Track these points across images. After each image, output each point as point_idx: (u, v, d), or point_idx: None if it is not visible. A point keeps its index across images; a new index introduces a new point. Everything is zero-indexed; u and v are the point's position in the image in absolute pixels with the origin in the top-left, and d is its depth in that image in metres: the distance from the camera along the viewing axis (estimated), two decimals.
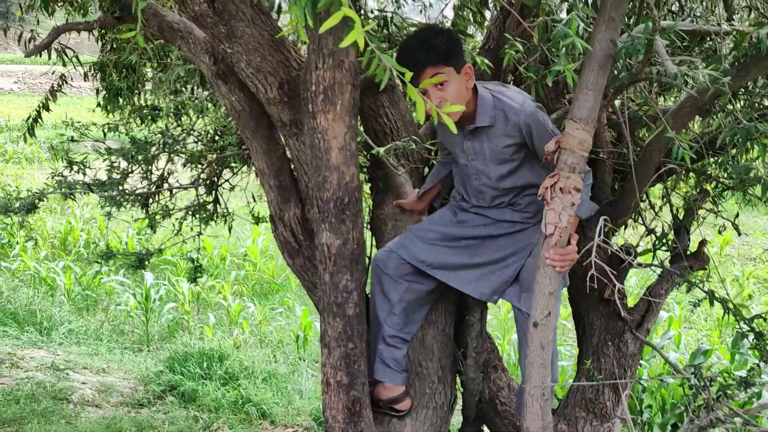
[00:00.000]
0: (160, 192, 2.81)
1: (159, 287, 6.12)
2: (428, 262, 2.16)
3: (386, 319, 2.22)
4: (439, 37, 1.93)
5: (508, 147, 2.07)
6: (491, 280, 2.15)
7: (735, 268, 7.74)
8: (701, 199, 2.48)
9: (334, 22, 1.24)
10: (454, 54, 1.93)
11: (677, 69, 1.52)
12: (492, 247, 2.15)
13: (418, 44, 1.92)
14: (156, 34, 2.08)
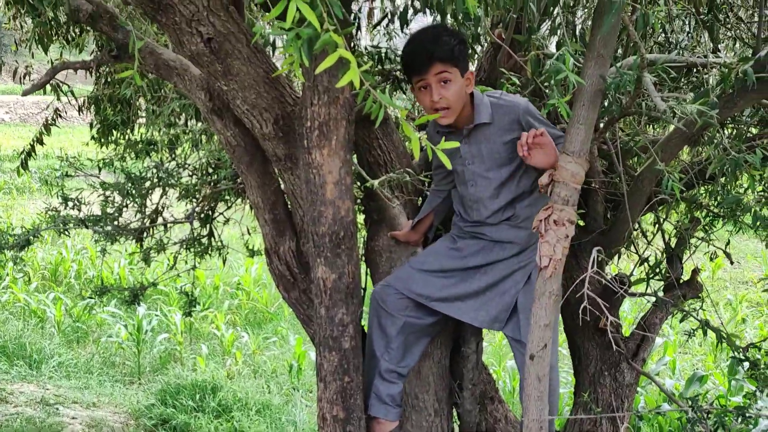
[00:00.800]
0: (154, 226, 2.81)
1: (151, 318, 6.07)
2: (426, 295, 2.16)
3: (383, 354, 2.20)
4: (453, 38, 1.96)
5: (507, 144, 2.07)
6: (491, 307, 2.15)
7: (728, 292, 7.77)
8: (692, 227, 2.50)
9: (330, 63, 1.27)
10: (462, 56, 1.97)
11: (666, 104, 1.55)
12: (490, 272, 2.15)
13: (432, 39, 1.94)
14: (152, 71, 2.10)
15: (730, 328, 6.55)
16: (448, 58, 1.94)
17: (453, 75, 1.96)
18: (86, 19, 1.96)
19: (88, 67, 2.16)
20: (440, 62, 1.93)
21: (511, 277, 2.16)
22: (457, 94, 1.98)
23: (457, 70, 1.96)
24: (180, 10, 1.65)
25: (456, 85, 1.97)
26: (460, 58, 1.97)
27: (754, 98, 2.19)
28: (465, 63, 1.99)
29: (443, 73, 1.94)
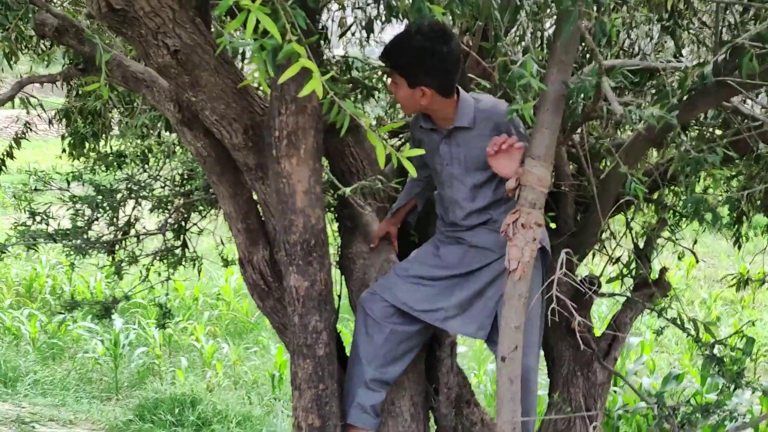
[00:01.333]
0: (126, 238, 2.79)
1: (128, 332, 6.00)
2: (410, 304, 2.16)
3: (370, 362, 2.20)
4: (404, 50, 1.98)
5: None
6: (475, 316, 2.17)
7: (702, 290, 7.90)
8: (659, 228, 2.56)
9: (293, 73, 1.29)
10: (408, 71, 1.98)
11: (623, 109, 1.59)
12: (473, 281, 2.16)
13: (391, 45, 2.01)
14: (120, 83, 2.10)
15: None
16: (393, 66, 2.00)
17: (398, 82, 2.01)
18: (52, 33, 1.96)
19: (54, 80, 2.15)
20: (387, 65, 2.02)
21: (494, 283, 2.17)
22: (404, 100, 2.03)
23: (403, 80, 2.00)
24: (145, 23, 1.66)
25: (401, 92, 2.02)
26: (405, 71, 1.99)
27: (713, 101, 2.26)
28: (413, 76, 1.98)
29: (392, 76, 2.02)
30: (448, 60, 1.97)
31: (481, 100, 2.10)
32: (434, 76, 1.98)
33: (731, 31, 2.91)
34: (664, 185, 2.52)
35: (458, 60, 2.01)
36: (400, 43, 1.99)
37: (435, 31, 1.95)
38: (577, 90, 1.75)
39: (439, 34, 1.95)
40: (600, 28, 1.72)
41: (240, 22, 1.20)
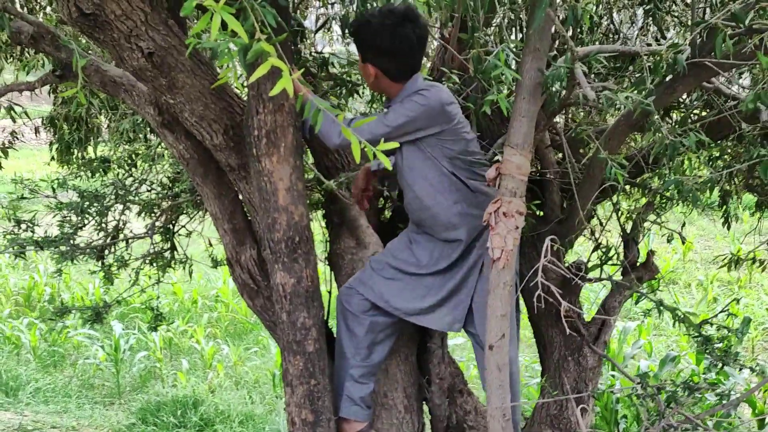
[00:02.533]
0: (115, 243, 2.80)
1: (128, 337, 6.01)
2: (386, 298, 2.18)
3: (354, 355, 2.22)
4: (362, 25, 2.01)
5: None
6: (449, 310, 2.18)
7: (699, 272, 7.92)
8: (645, 211, 2.57)
9: (262, 72, 1.29)
10: (360, 45, 2.04)
11: (595, 94, 1.60)
12: (445, 278, 2.16)
13: (357, 19, 2.06)
14: (99, 88, 2.10)
15: (702, 308, 6.68)
16: (353, 38, 2.06)
17: (360, 57, 2.05)
18: (28, 41, 1.96)
19: (33, 88, 2.15)
20: (348, 34, 2.07)
21: (468, 278, 2.18)
22: (362, 73, 2.08)
23: (361, 55, 2.04)
24: (117, 27, 1.66)
25: (359, 65, 2.07)
26: (360, 46, 2.04)
27: (692, 83, 2.26)
28: (364, 53, 2.02)
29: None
30: (399, 43, 1.98)
31: (429, 86, 2.06)
32: (381, 56, 2.00)
33: (713, 11, 2.91)
34: (648, 169, 2.53)
35: (412, 46, 2.01)
36: (363, 18, 2.02)
37: (396, 13, 1.96)
38: (552, 77, 1.75)
39: (398, 17, 1.96)
40: (572, 15, 1.73)
41: (205, 23, 1.20)
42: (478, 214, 2.07)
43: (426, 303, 2.15)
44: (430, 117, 2.01)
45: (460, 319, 2.19)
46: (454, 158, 2.09)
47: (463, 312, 2.19)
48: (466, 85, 2.28)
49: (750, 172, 2.44)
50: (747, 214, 4.04)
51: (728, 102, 2.58)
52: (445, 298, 2.17)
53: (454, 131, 2.07)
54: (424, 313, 2.17)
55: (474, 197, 2.13)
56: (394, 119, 1.98)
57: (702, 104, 2.92)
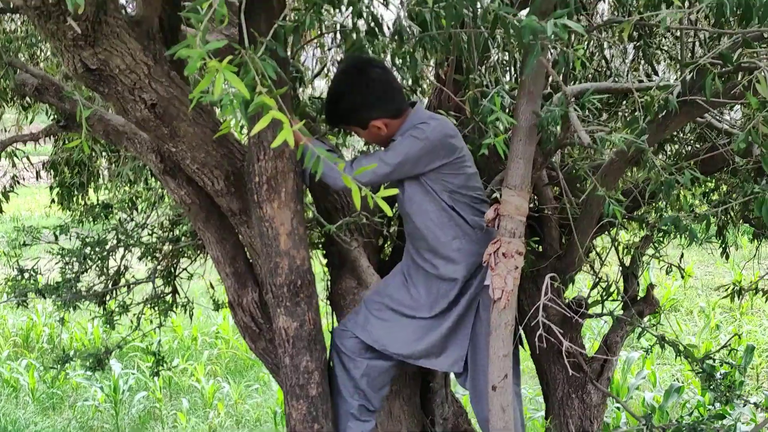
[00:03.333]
0: (117, 288, 2.81)
1: (128, 377, 5.95)
2: (382, 343, 2.14)
3: (352, 395, 2.20)
4: (333, 107, 2.04)
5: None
6: (449, 353, 2.16)
7: (700, 299, 7.90)
8: (644, 245, 2.58)
9: (263, 125, 1.32)
10: (350, 118, 2.05)
11: (590, 138, 1.63)
12: (443, 320, 2.13)
13: (325, 111, 2.09)
14: (102, 137, 2.14)
15: (704, 336, 6.65)
16: (337, 123, 2.09)
17: (355, 131, 2.08)
18: (32, 92, 2.00)
19: (36, 138, 2.19)
20: (334, 126, 2.09)
21: (465, 319, 2.15)
22: (370, 138, 2.10)
23: (355, 127, 2.06)
24: (121, 80, 1.70)
25: (363, 134, 2.09)
26: (349, 120, 2.05)
27: (684, 120, 2.31)
28: (358, 120, 2.03)
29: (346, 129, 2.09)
30: (375, 86, 2.00)
31: (430, 118, 2.06)
32: (373, 107, 2.01)
33: (703, 47, 2.98)
34: (645, 203, 2.55)
35: (387, 81, 2.03)
36: (328, 104, 2.06)
37: (351, 70, 2.01)
38: (547, 120, 1.79)
39: (356, 71, 2.01)
40: (564, 60, 1.77)
41: (209, 82, 1.23)
42: (477, 251, 2.07)
43: (424, 345, 2.12)
44: (430, 152, 1.99)
45: (460, 358, 2.16)
46: (455, 192, 2.07)
47: (463, 351, 2.16)
48: (463, 125, 2.32)
49: (745, 205, 2.47)
50: (746, 239, 4.06)
51: (721, 136, 2.62)
52: (445, 339, 2.14)
53: (456, 165, 2.05)
54: (425, 356, 2.15)
55: (474, 234, 2.10)
56: (393, 157, 1.97)
57: (695, 137, 2.97)
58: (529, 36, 1.53)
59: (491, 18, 1.59)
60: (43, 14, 1.47)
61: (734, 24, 2.25)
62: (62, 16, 1.47)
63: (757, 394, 5.35)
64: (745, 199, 1.92)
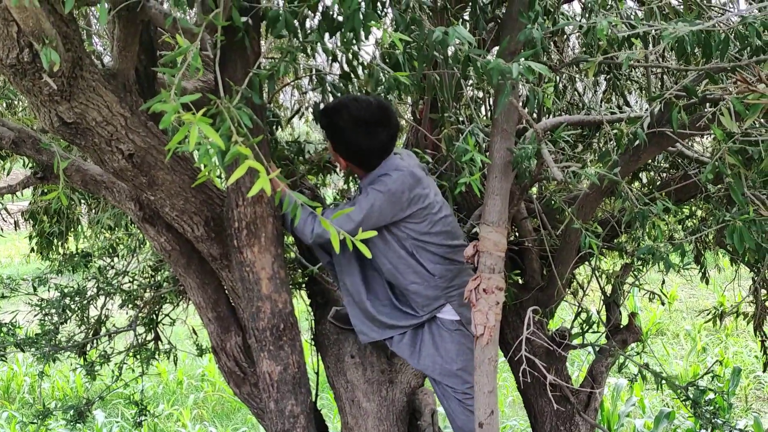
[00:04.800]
0: (97, 338, 2.77)
1: (111, 426, 5.82)
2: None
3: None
4: (328, 117, 2.07)
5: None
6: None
7: (686, 322, 7.94)
8: (624, 273, 2.61)
9: (240, 174, 1.33)
10: (332, 134, 2.08)
11: (563, 174, 1.67)
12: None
13: (328, 109, 2.09)
14: (80, 187, 2.14)
15: (692, 359, 6.67)
16: (322, 129, 2.12)
17: (330, 144, 2.11)
18: (9, 146, 2.00)
19: (14, 191, 2.18)
20: (320, 123, 2.11)
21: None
22: (333, 157, 2.14)
23: (330, 142, 2.10)
24: (98, 132, 1.71)
25: (331, 151, 2.13)
26: (333, 140, 2.08)
27: (655, 150, 2.36)
28: (338, 147, 2.07)
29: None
30: (371, 145, 2.03)
31: (395, 168, 2.06)
32: (354, 154, 2.07)
33: (671, 78, 3.06)
34: (623, 232, 2.59)
35: (384, 146, 2.05)
36: (335, 112, 2.05)
37: (369, 118, 2.02)
38: (521, 157, 1.82)
39: (372, 122, 2.02)
40: (534, 97, 1.82)
41: (183, 134, 1.25)
42: (434, 296, 2.14)
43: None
44: (393, 203, 2.00)
45: None
46: (416, 239, 2.09)
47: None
48: (439, 163, 2.35)
49: (720, 232, 2.51)
50: (727, 261, 4.12)
51: (693, 164, 2.68)
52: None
53: (419, 214, 2.06)
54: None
55: (432, 280, 2.13)
56: (358, 213, 1.97)
57: (669, 165, 3.03)
58: (498, 77, 1.57)
59: (462, 59, 1.63)
60: (19, 72, 1.49)
61: (699, 56, 2.32)
62: (38, 73, 1.49)
63: (747, 416, 5.35)
64: (718, 226, 1.96)
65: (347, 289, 2.19)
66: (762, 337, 2.85)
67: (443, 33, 1.60)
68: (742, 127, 1.71)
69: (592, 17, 2.30)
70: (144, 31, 1.91)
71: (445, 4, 2.23)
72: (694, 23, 1.68)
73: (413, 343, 2.21)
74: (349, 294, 2.19)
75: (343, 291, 2.21)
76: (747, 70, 1.80)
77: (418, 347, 2.20)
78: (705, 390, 2.18)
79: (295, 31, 1.67)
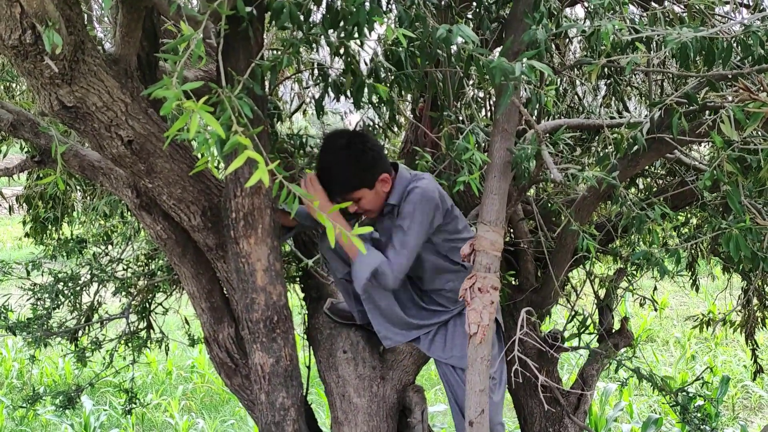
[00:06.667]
0: (89, 325, 2.75)
1: (99, 413, 5.80)
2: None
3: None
4: (343, 170, 1.99)
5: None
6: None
7: (676, 329, 7.97)
8: (618, 278, 2.62)
9: (239, 164, 1.33)
10: (363, 179, 2.01)
11: (562, 176, 1.67)
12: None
13: (328, 178, 1.99)
14: (78, 173, 2.13)
15: (681, 366, 6.70)
16: (347, 191, 2.00)
17: (359, 194, 2.02)
18: (8, 128, 1.99)
19: (10, 174, 2.17)
20: (341, 196, 1.99)
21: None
22: (371, 202, 2.04)
23: (363, 189, 2.01)
24: (98, 117, 1.70)
25: (367, 197, 2.03)
26: (360, 182, 2.00)
27: (653, 156, 2.37)
28: (369, 179, 2.01)
29: (348, 199, 2.00)
30: (365, 155, 2.01)
31: (416, 177, 2.09)
32: (369, 169, 2.01)
33: (671, 84, 3.07)
34: (618, 236, 2.60)
35: (375, 148, 2.04)
36: (332, 170, 1.99)
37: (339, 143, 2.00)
38: (520, 157, 1.83)
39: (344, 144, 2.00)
40: (536, 99, 1.82)
41: (184, 122, 1.24)
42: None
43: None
44: (437, 209, 2.03)
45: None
46: (449, 239, 2.12)
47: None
48: (438, 161, 2.35)
49: (715, 240, 2.53)
50: (719, 269, 4.14)
51: (690, 171, 2.70)
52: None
53: (451, 212, 2.10)
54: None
55: (466, 273, 2.13)
56: (414, 237, 1.99)
57: (666, 172, 3.04)
58: (501, 77, 1.57)
59: (465, 57, 1.63)
60: (21, 53, 1.48)
61: (701, 64, 2.33)
62: (39, 56, 1.48)
63: (734, 425, 5.38)
64: (714, 234, 1.97)
65: (372, 299, 2.17)
66: (753, 345, 2.86)
67: (447, 31, 1.60)
68: (741, 135, 1.71)
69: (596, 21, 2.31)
70: (147, 17, 1.90)
71: (449, 2, 2.23)
72: (698, 30, 1.68)
73: (443, 338, 2.26)
74: (373, 301, 2.17)
75: (366, 301, 2.19)
76: (748, 78, 1.81)
77: (448, 340, 2.25)
78: (694, 396, 2.19)
79: (300, 24, 1.67)
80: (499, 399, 2.28)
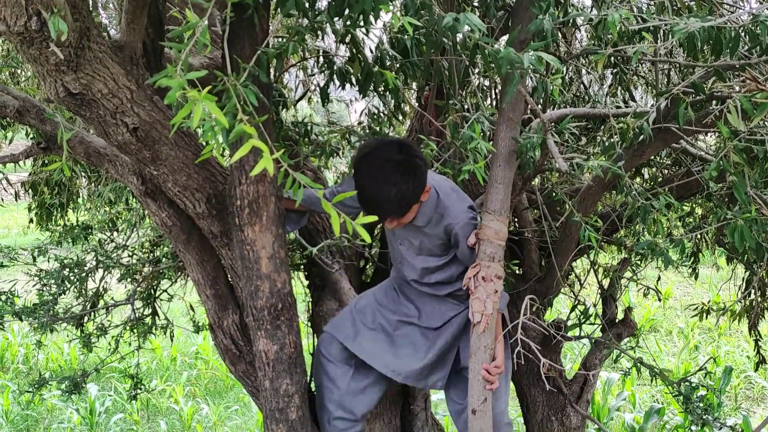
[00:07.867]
0: (95, 311, 2.77)
1: (104, 399, 5.85)
2: (368, 352, 2.11)
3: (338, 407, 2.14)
4: (399, 194, 1.84)
5: (440, 245, 2.07)
6: (435, 371, 2.15)
7: (679, 320, 7.98)
8: (622, 268, 2.62)
9: (244, 152, 1.33)
10: (414, 197, 1.88)
11: (568, 165, 1.66)
12: (431, 337, 2.13)
13: (380, 202, 1.85)
14: (83, 159, 2.13)
15: (683, 356, 6.71)
16: (398, 215, 1.90)
17: (408, 214, 1.93)
18: (13, 115, 1.99)
19: (16, 160, 2.18)
20: (390, 219, 1.91)
21: (455, 341, 2.15)
22: (411, 215, 1.95)
23: (415, 205, 1.92)
24: (104, 104, 1.70)
25: (413, 211, 1.94)
26: (411, 203, 1.88)
27: (659, 146, 2.36)
28: (418, 194, 1.88)
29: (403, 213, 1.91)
30: (411, 168, 1.87)
31: (446, 197, 2.01)
32: (417, 178, 1.88)
33: (678, 74, 3.05)
34: (623, 226, 2.60)
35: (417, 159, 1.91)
36: (383, 194, 1.84)
37: (387, 164, 1.85)
38: (525, 146, 1.82)
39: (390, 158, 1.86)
40: (542, 88, 1.82)
41: (189, 110, 1.24)
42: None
43: (411, 369, 2.11)
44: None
45: (443, 377, 2.15)
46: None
47: (445, 370, 2.16)
48: (443, 150, 2.35)
49: (720, 230, 2.52)
50: (724, 260, 4.13)
51: (696, 161, 2.68)
52: (432, 366, 2.13)
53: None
54: (409, 378, 2.13)
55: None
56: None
57: (671, 162, 3.03)
58: (507, 66, 1.56)
59: (471, 46, 1.62)
60: (26, 40, 1.47)
61: (708, 53, 2.31)
62: (45, 42, 1.48)
63: (736, 415, 5.39)
64: (719, 224, 1.97)
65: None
66: (756, 336, 2.86)
67: (454, 19, 1.59)
68: (748, 126, 1.70)
69: (603, 9, 2.29)
70: (153, 4, 1.90)
71: None
72: (705, 19, 1.67)
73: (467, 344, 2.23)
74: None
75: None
76: (756, 68, 1.80)
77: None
78: (697, 386, 2.19)
79: (305, 11, 1.66)
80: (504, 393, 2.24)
